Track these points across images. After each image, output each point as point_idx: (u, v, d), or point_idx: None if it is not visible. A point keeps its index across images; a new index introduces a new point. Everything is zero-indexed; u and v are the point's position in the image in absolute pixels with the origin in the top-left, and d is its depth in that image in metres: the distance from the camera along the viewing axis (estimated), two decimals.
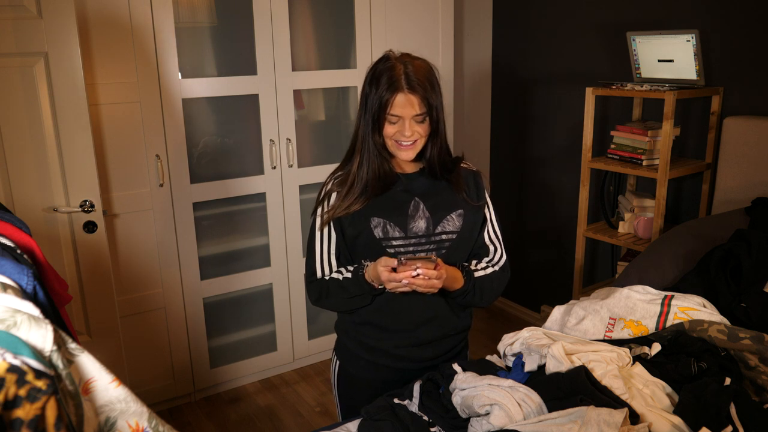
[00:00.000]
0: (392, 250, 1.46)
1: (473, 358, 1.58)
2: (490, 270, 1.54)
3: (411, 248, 1.47)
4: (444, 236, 1.48)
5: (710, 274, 1.69)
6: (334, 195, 1.52)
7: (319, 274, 1.54)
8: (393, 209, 1.48)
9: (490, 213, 1.58)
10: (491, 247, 1.57)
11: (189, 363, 2.75)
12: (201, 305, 2.73)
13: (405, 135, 1.42)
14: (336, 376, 1.65)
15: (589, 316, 1.56)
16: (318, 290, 1.53)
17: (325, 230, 1.52)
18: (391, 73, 1.41)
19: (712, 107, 2.46)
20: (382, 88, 1.41)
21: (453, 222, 1.49)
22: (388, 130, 1.44)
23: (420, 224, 1.47)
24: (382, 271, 1.36)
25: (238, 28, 2.61)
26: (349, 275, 1.48)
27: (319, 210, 1.54)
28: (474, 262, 1.54)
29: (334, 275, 1.52)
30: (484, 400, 1.19)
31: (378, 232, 1.46)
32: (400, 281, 1.33)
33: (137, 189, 2.49)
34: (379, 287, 1.44)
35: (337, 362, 1.64)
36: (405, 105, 1.41)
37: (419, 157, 1.50)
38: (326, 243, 1.53)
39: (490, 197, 1.60)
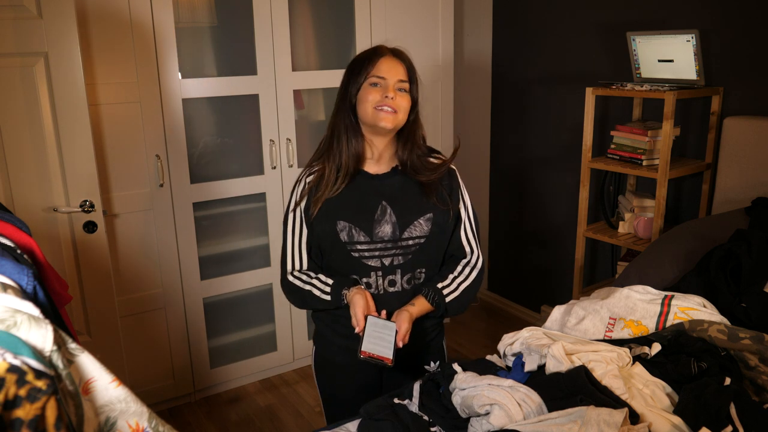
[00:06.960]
0: (357, 254, 1.47)
1: (473, 359, 1.58)
2: (464, 285, 1.51)
3: (377, 252, 1.47)
4: (411, 242, 1.48)
5: (710, 274, 1.68)
6: (303, 188, 1.52)
7: (289, 267, 1.53)
8: (359, 213, 1.47)
9: (467, 212, 1.56)
10: (467, 249, 1.56)
11: (189, 363, 2.75)
12: (201, 305, 2.73)
13: (388, 96, 1.40)
14: (314, 364, 1.66)
15: (589, 316, 1.56)
16: (299, 298, 1.52)
17: (297, 224, 1.52)
18: (374, 48, 1.46)
19: (712, 107, 2.46)
20: (364, 59, 1.44)
21: (421, 227, 1.48)
22: (370, 96, 1.41)
23: (386, 229, 1.46)
24: (353, 317, 1.39)
25: (238, 28, 2.61)
26: (327, 297, 1.47)
27: (292, 204, 1.53)
28: (450, 277, 1.51)
29: (309, 287, 1.49)
30: (484, 400, 1.19)
31: (343, 236, 1.46)
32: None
33: (137, 189, 2.49)
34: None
35: (314, 349, 1.65)
36: (390, 68, 1.42)
37: (394, 153, 1.50)
38: (297, 237, 1.52)
39: (467, 193, 1.58)
